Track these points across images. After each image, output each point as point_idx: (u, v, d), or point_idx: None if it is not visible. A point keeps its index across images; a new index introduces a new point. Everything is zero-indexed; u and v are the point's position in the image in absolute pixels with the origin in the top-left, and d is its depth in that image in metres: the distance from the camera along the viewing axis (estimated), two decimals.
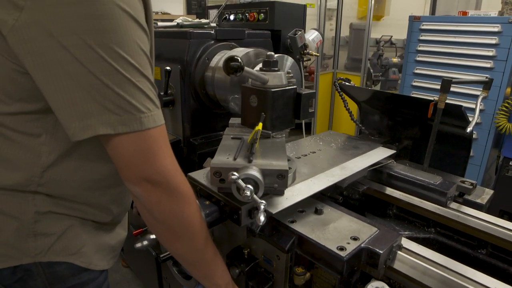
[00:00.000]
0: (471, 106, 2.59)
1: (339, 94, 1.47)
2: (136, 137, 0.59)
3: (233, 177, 0.71)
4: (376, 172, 1.23)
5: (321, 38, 1.81)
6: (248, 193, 0.70)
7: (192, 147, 1.50)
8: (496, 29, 2.43)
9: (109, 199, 0.77)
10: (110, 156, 0.62)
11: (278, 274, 0.89)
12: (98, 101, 0.56)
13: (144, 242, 0.81)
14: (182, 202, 0.67)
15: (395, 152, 1.28)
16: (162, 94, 1.47)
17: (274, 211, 0.84)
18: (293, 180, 0.97)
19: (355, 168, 1.08)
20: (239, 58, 0.76)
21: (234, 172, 0.71)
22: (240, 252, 0.95)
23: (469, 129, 1.10)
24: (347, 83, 1.48)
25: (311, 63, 4.36)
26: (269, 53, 0.97)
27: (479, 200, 1.16)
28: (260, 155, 0.84)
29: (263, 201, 0.73)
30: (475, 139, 2.65)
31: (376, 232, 0.84)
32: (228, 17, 1.93)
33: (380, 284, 0.77)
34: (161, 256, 0.95)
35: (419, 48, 2.85)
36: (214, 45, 1.46)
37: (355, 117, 1.54)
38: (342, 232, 0.84)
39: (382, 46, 4.45)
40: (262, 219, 0.69)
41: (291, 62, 1.31)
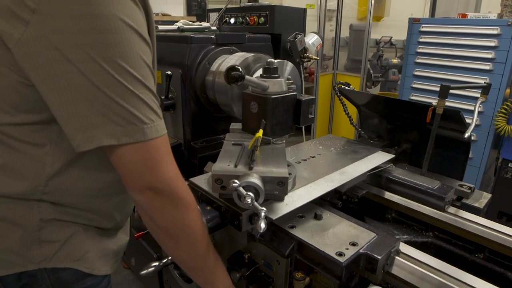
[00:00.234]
0: (470, 108, 2.61)
1: (339, 98, 1.48)
2: (139, 147, 0.60)
3: (234, 185, 0.72)
4: (375, 176, 1.24)
5: (321, 42, 1.83)
6: (249, 201, 0.71)
7: (193, 151, 1.51)
8: (495, 32, 2.44)
9: (112, 206, 0.79)
10: (114, 166, 0.63)
11: (278, 279, 0.90)
12: (102, 113, 0.57)
13: (150, 269, 0.82)
14: (184, 210, 0.69)
15: (394, 157, 1.29)
16: (163, 98, 1.49)
17: (275, 217, 0.85)
18: (293, 186, 0.98)
19: (354, 173, 1.10)
20: (240, 68, 0.77)
21: (235, 180, 0.73)
22: (241, 257, 0.97)
23: (467, 135, 1.11)
24: (347, 87, 1.49)
25: (311, 64, 4.37)
26: (269, 60, 0.98)
27: (477, 204, 1.17)
28: (261, 162, 0.85)
29: (264, 208, 0.74)
30: (474, 141, 2.67)
31: (375, 238, 0.85)
32: (229, 21, 1.94)
33: None
34: (163, 261, 0.96)
35: (419, 50, 2.86)
36: (215, 50, 1.47)
37: (355, 121, 1.55)
38: (341, 238, 0.85)
39: (382, 47, 4.46)
40: (263, 226, 0.71)
41: (291, 67, 1.33)
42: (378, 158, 1.24)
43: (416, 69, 2.93)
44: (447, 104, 1.19)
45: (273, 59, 1.07)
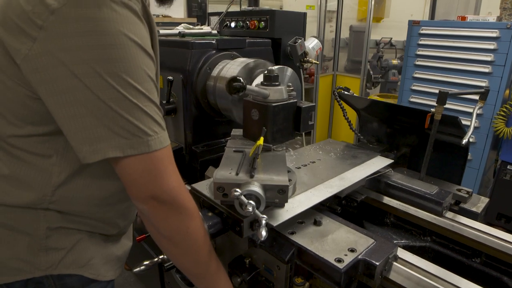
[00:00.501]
0: (468, 110, 2.62)
1: (338, 103, 1.50)
2: (144, 159, 0.62)
3: (236, 194, 0.74)
4: (374, 181, 1.26)
5: (321, 46, 1.84)
6: (250, 209, 0.73)
7: (194, 155, 1.53)
8: (495, 35, 2.46)
9: (116, 214, 0.80)
10: (119, 176, 0.65)
11: (278, 284, 0.92)
12: (108, 126, 0.59)
13: (142, 267, 0.84)
14: (187, 218, 0.71)
15: (393, 161, 1.31)
16: (165, 103, 1.50)
17: (275, 224, 0.87)
18: (293, 192, 1.00)
19: (354, 179, 1.11)
20: (241, 79, 0.78)
21: (237, 189, 0.74)
22: (242, 262, 0.98)
23: (465, 141, 1.13)
24: (346, 92, 1.51)
25: (311, 65, 4.37)
26: (270, 68, 1.00)
27: (475, 209, 1.19)
28: (262, 170, 0.87)
29: (265, 216, 0.76)
30: (474, 143, 2.68)
31: (373, 244, 0.87)
32: (229, 24, 1.95)
33: None
34: (166, 266, 0.98)
35: (418, 53, 2.88)
36: (216, 55, 1.49)
37: (354, 125, 1.57)
38: (340, 244, 0.87)
39: (382, 48, 4.47)
40: (264, 234, 0.73)
41: (291, 73, 1.34)
42: (377, 163, 1.26)
43: (416, 71, 2.94)
44: (446, 106, 1.20)
45: (274, 67, 1.09)
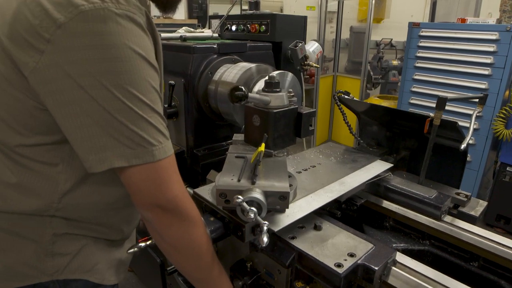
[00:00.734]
0: (468, 112, 2.64)
1: (338, 107, 1.51)
2: (148, 168, 0.64)
3: (238, 201, 0.75)
4: (374, 185, 1.27)
5: (321, 49, 1.85)
6: (252, 215, 0.75)
7: (196, 158, 1.54)
8: (494, 37, 2.47)
9: (121, 220, 0.82)
10: (124, 184, 0.66)
11: (279, 287, 0.94)
12: (113, 137, 0.60)
13: (135, 249, 0.84)
14: (191, 226, 0.72)
15: (392, 165, 1.32)
16: (166, 107, 1.52)
17: (276, 229, 0.88)
18: (294, 197, 1.02)
19: (353, 184, 1.13)
20: (243, 88, 0.80)
21: (239, 196, 0.76)
22: (243, 265, 1.00)
23: (463, 146, 1.14)
24: (346, 96, 1.52)
25: (311, 67, 4.38)
26: (271, 75, 1.01)
27: (473, 212, 1.20)
28: (263, 176, 0.89)
29: (266, 222, 0.77)
30: (473, 145, 2.70)
31: (372, 249, 0.89)
32: (230, 28, 1.96)
33: None
34: (168, 269, 1.00)
35: (418, 54, 2.89)
36: (217, 59, 1.50)
37: (354, 128, 1.58)
38: (340, 249, 0.88)
39: (382, 49, 4.48)
40: (265, 240, 0.74)
41: (291, 78, 1.36)
42: (377, 168, 1.27)
43: (416, 73, 2.96)
44: (446, 108, 1.21)
45: (274, 73, 1.10)
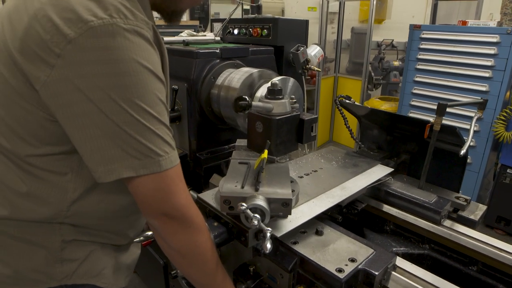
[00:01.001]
0: (468, 114, 2.65)
1: (340, 112, 1.53)
2: (155, 178, 0.66)
3: (242, 208, 0.77)
4: (374, 189, 1.29)
5: (323, 53, 1.87)
6: (256, 222, 0.77)
7: (198, 162, 1.56)
8: (495, 40, 2.48)
9: (127, 225, 0.84)
10: (132, 193, 0.68)
11: None
12: (122, 148, 0.62)
13: (141, 238, 0.87)
14: (196, 233, 0.74)
15: (393, 170, 1.34)
16: (169, 110, 1.53)
17: (279, 235, 0.90)
18: (296, 202, 1.03)
19: (354, 188, 1.15)
20: (247, 97, 0.82)
21: (243, 203, 0.78)
22: (246, 269, 1.02)
23: (463, 151, 1.16)
24: (347, 101, 1.54)
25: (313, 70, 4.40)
26: (273, 82, 1.03)
27: (472, 217, 1.22)
28: (266, 183, 0.90)
29: (269, 229, 0.79)
30: (474, 147, 2.71)
31: (373, 254, 0.90)
32: (232, 31, 1.98)
33: None
34: (172, 273, 1.02)
35: (420, 56, 2.90)
36: (220, 64, 1.52)
37: (355, 131, 1.60)
38: (341, 254, 0.90)
39: (384, 50, 4.49)
40: (269, 247, 0.76)
41: (293, 83, 1.37)
42: (378, 172, 1.29)
43: (417, 75, 2.97)
44: (446, 110, 1.22)
45: (277, 79, 1.12)
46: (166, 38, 1.89)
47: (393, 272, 0.90)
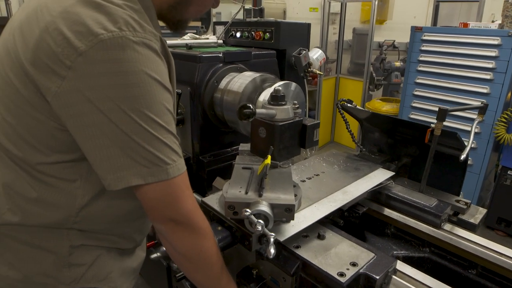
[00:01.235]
0: (469, 116, 2.66)
1: (341, 115, 1.54)
2: (163, 185, 0.67)
3: (246, 214, 0.79)
4: (376, 193, 1.31)
5: (325, 57, 1.88)
6: (260, 228, 0.78)
7: (201, 164, 1.58)
8: (496, 42, 2.49)
9: (134, 229, 0.86)
10: (140, 200, 0.70)
11: None
12: (131, 157, 0.64)
13: (158, 254, 0.89)
14: (201, 238, 0.76)
15: (394, 174, 1.36)
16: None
17: (282, 239, 0.92)
18: (299, 206, 1.05)
19: (356, 193, 1.16)
20: (251, 105, 0.83)
21: (247, 209, 0.80)
22: (249, 272, 1.04)
23: (463, 156, 1.17)
24: (349, 104, 1.55)
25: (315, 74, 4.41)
26: (277, 88, 1.05)
27: (472, 220, 1.23)
28: (269, 188, 0.92)
29: (273, 234, 0.81)
30: (475, 148, 2.72)
31: (374, 258, 0.92)
32: (235, 34, 1.99)
33: None
34: (177, 276, 1.04)
35: (421, 58, 2.91)
36: (223, 68, 1.53)
37: (356, 134, 1.62)
38: (342, 258, 0.92)
39: (385, 50, 4.49)
40: (272, 252, 0.78)
41: (295, 87, 1.39)
42: (379, 176, 1.31)
43: (418, 77, 2.98)
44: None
45: (279, 85, 1.13)
46: (169, 41, 1.90)
47: (394, 276, 0.92)
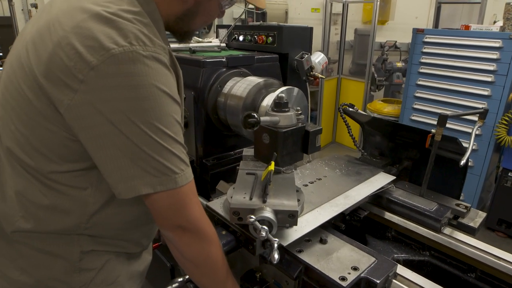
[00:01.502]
0: (472, 118, 2.67)
1: (343, 119, 1.56)
2: (172, 194, 0.70)
3: (251, 220, 0.81)
4: (377, 197, 1.33)
5: (327, 60, 1.90)
6: (264, 234, 0.81)
7: (205, 168, 1.60)
8: (497, 44, 2.50)
9: (141, 235, 0.89)
10: (149, 208, 0.72)
11: None
12: (141, 167, 0.66)
13: (174, 285, 0.92)
14: (208, 244, 0.79)
15: (395, 178, 1.38)
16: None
17: (285, 244, 0.94)
18: (302, 211, 1.07)
19: (358, 197, 1.19)
20: (255, 114, 0.86)
21: (252, 215, 0.82)
22: (253, 275, 1.06)
23: (463, 162, 1.19)
24: (351, 109, 1.57)
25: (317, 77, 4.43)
26: (280, 95, 1.07)
27: (472, 224, 1.25)
28: (273, 194, 0.95)
29: (277, 239, 0.83)
30: (475, 150, 2.74)
31: (374, 262, 0.94)
32: (237, 38, 2.01)
33: None
34: (184, 279, 1.06)
35: (422, 60, 2.93)
36: (226, 72, 1.55)
37: (357, 137, 1.63)
38: (344, 262, 0.94)
39: (387, 51, 4.50)
40: (276, 257, 0.80)
41: (297, 92, 1.41)
42: (380, 180, 1.33)
43: (420, 78, 2.99)
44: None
45: (282, 92, 1.15)
46: (173, 45, 1.92)
47: (394, 280, 0.94)
